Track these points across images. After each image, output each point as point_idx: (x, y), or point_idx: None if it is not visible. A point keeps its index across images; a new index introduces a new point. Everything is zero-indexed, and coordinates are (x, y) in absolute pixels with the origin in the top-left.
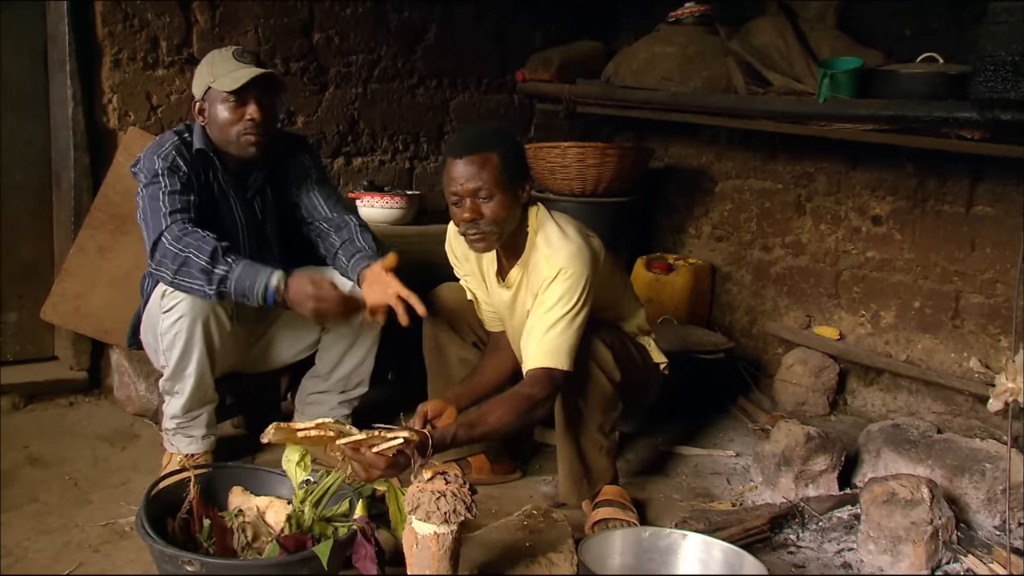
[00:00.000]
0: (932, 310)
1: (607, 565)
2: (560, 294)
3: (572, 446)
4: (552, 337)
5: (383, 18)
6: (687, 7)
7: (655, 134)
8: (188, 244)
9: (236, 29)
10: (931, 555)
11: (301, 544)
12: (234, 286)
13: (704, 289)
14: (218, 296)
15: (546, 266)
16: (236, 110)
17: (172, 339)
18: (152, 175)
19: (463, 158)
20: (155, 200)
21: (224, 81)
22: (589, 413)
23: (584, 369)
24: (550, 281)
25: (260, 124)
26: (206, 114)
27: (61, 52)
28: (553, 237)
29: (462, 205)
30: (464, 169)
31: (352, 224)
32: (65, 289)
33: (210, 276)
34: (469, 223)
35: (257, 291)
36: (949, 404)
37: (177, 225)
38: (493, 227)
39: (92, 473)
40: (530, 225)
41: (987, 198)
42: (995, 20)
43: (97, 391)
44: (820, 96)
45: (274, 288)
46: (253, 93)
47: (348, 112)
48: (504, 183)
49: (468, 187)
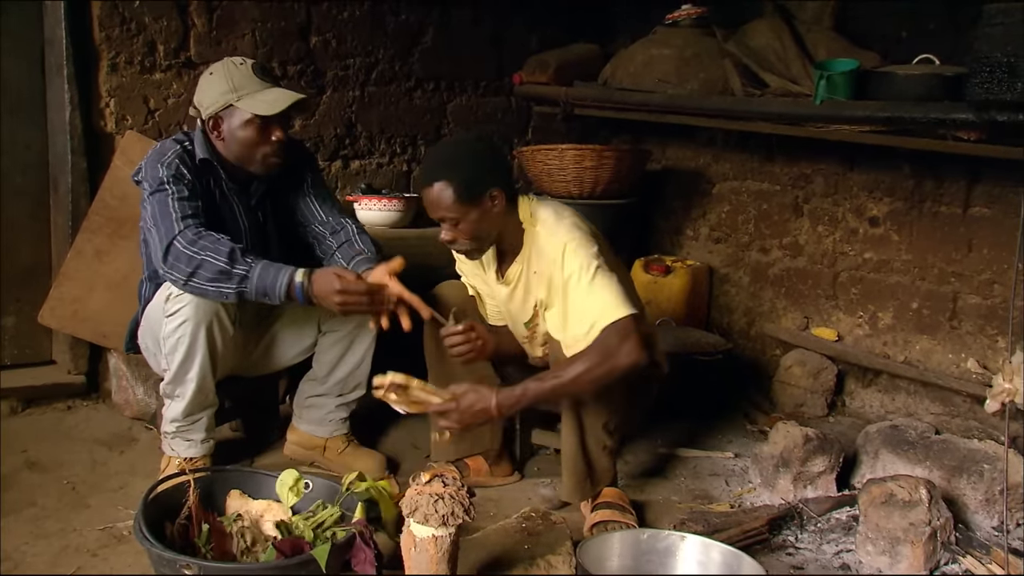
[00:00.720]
0: (930, 311)
1: (606, 567)
2: (579, 262)
3: (577, 443)
4: (597, 297)
5: (380, 21)
6: (684, 9)
7: (652, 136)
8: (204, 247)
9: (233, 32)
10: (929, 556)
11: (298, 548)
12: (255, 284)
13: (702, 291)
14: (238, 296)
15: (551, 247)
16: (263, 132)
17: (175, 343)
18: (158, 183)
19: (425, 188)
20: (164, 205)
21: (255, 103)
22: (597, 410)
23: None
24: (561, 257)
25: (285, 145)
26: (222, 129)
27: (58, 56)
28: (550, 221)
29: (441, 227)
30: (429, 199)
31: (349, 227)
32: (63, 293)
33: (230, 276)
34: (449, 243)
35: (280, 288)
36: (947, 405)
37: (190, 229)
38: (470, 243)
39: (90, 477)
40: (524, 219)
41: (984, 199)
42: (991, 22)
43: (95, 395)
44: (817, 98)
45: (299, 283)
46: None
47: (345, 115)
48: (465, 206)
49: (436, 215)
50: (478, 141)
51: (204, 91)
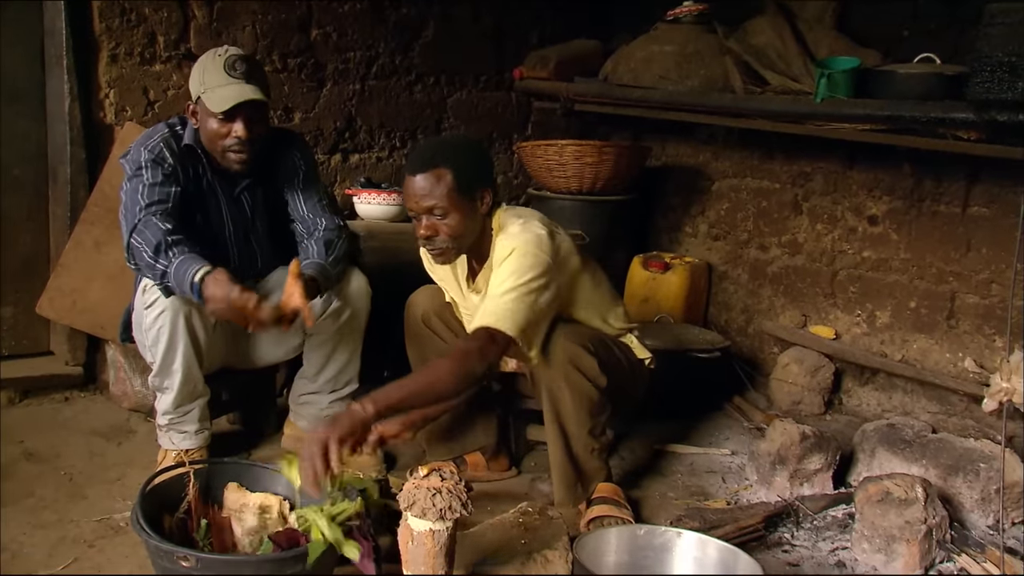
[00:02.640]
0: (928, 310)
1: (602, 563)
2: (512, 268)
3: (564, 453)
4: (503, 303)
5: (381, 15)
6: (685, 6)
7: (652, 133)
8: (144, 239)
9: (234, 24)
10: (925, 554)
11: (294, 540)
12: (174, 280)
13: (700, 288)
14: (165, 291)
15: (501, 249)
16: (223, 125)
17: (156, 334)
18: (136, 167)
19: (417, 175)
20: (135, 193)
21: (212, 98)
22: (579, 420)
23: (570, 378)
24: (506, 256)
25: (247, 141)
26: (198, 118)
27: (58, 47)
28: (512, 230)
29: (419, 221)
30: (419, 186)
31: (318, 229)
32: (61, 284)
33: (154, 270)
34: (426, 240)
35: (187, 287)
36: (944, 404)
37: (145, 219)
38: (450, 242)
39: (87, 468)
40: (494, 228)
41: (983, 199)
42: (992, 22)
43: (93, 386)
44: (817, 96)
45: (195, 283)
46: (242, 110)
47: (345, 109)
48: (459, 199)
49: (423, 205)
50: (475, 140)
51: (190, 80)
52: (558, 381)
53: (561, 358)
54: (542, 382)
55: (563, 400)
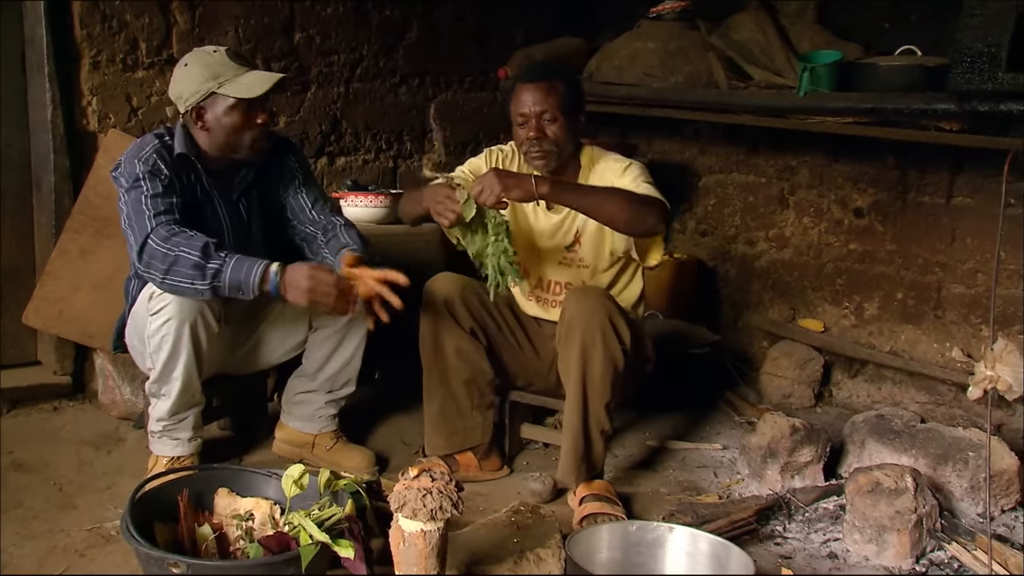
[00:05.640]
0: (915, 301)
1: (595, 560)
2: (637, 174)
3: (580, 422)
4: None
5: (364, 17)
6: (668, 3)
7: (638, 130)
8: (178, 243)
9: (216, 29)
10: (915, 543)
11: (284, 544)
12: (229, 279)
13: (689, 284)
14: (212, 291)
15: (615, 164)
16: (248, 116)
17: (159, 342)
18: (133, 179)
19: (533, 83)
20: (139, 203)
21: (238, 88)
22: (602, 389)
23: (607, 338)
24: (623, 169)
25: (268, 127)
26: (207, 119)
27: (39, 55)
28: (616, 156)
29: (527, 126)
30: (533, 93)
31: (338, 224)
32: (47, 293)
33: (203, 271)
34: (533, 140)
35: (253, 281)
36: (932, 394)
37: (164, 227)
38: (553, 147)
39: (77, 477)
40: (584, 160)
41: (967, 189)
42: (972, 13)
43: (81, 395)
44: (800, 90)
45: (274, 273)
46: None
47: (330, 112)
48: (566, 108)
49: (535, 109)
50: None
51: (182, 83)
52: (595, 334)
53: (602, 315)
54: (577, 331)
55: (594, 361)
